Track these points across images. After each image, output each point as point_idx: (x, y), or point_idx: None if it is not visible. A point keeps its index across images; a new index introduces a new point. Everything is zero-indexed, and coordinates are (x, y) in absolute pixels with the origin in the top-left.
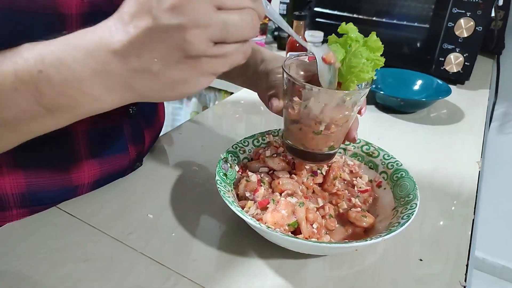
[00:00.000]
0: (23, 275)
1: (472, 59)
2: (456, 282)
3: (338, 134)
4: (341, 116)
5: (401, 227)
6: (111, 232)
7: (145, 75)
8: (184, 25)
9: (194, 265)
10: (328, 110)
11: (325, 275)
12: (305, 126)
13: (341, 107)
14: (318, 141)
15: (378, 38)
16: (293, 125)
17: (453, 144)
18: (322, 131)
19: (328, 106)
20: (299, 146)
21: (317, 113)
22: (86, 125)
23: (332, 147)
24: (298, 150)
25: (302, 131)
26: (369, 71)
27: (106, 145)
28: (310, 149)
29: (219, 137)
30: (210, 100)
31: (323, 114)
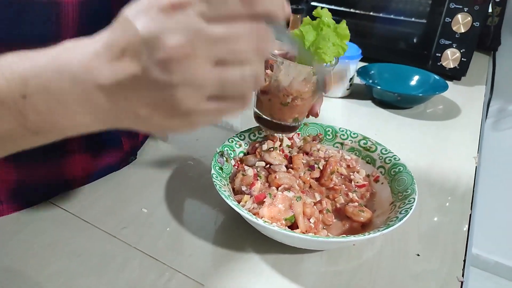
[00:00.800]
0: (14, 270)
1: (468, 55)
2: (453, 277)
3: (303, 107)
4: (307, 90)
5: (399, 221)
6: (104, 227)
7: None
8: (175, 83)
9: (189, 260)
10: (295, 84)
11: (322, 270)
12: (274, 97)
13: (307, 81)
14: (285, 112)
15: (347, 27)
16: (263, 96)
17: (449, 139)
18: (289, 103)
19: (296, 79)
20: (267, 116)
21: (286, 86)
22: None
23: (296, 119)
24: (265, 120)
25: (271, 102)
26: (331, 55)
27: (99, 139)
28: (276, 119)
29: (214, 131)
30: None
31: (291, 87)
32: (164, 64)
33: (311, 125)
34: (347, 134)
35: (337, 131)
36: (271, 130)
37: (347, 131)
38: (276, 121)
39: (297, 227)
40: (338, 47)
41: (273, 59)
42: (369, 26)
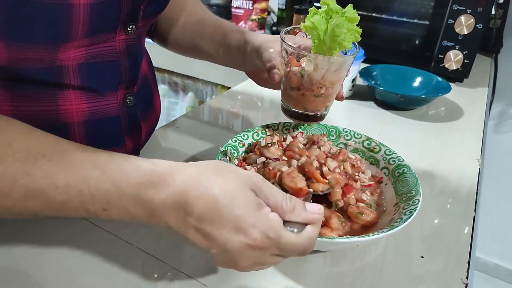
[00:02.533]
0: (15, 270)
1: (471, 56)
2: (457, 279)
3: (333, 95)
4: (338, 79)
5: (404, 222)
6: (106, 226)
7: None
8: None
9: (191, 260)
10: (328, 75)
11: (325, 271)
12: (307, 91)
13: (338, 71)
14: (318, 103)
15: (355, 10)
16: (295, 91)
17: (452, 141)
18: (322, 94)
19: (329, 71)
20: (300, 110)
21: (319, 79)
22: (83, 116)
23: (327, 107)
24: (299, 113)
25: (304, 96)
26: (350, 40)
27: (102, 137)
28: (310, 111)
29: (216, 131)
30: (207, 95)
31: (324, 79)
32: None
33: (315, 125)
34: (351, 134)
35: (341, 131)
36: (302, 121)
37: (350, 131)
38: (309, 113)
39: None
40: (354, 31)
41: (304, 54)
42: (371, 27)
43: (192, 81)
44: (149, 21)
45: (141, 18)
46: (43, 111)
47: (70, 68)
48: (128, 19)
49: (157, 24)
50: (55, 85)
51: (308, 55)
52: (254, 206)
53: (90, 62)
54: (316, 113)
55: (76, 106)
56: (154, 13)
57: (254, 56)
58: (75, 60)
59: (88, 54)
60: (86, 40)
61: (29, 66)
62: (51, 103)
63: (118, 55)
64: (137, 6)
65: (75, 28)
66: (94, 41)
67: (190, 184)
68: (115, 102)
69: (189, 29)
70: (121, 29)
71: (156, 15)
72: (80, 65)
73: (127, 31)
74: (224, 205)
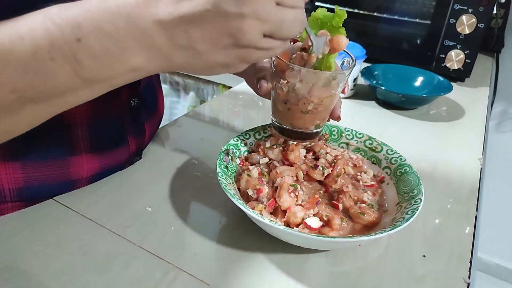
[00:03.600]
0: (17, 268)
1: (473, 56)
2: (459, 279)
3: (324, 112)
4: (327, 96)
5: (406, 222)
6: (108, 225)
7: (188, 52)
8: (245, 15)
9: (194, 259)
10: (315, 90)
11: (327, 270)
12: (294, 106)
13: (327, 87)
14: (306, 120)
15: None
16: (282, 106)
17: (453, 141)
18: (309, 111)
19: (315, 86)
20: (287, 126)
21: (305, 93)
22: (87, 118)
23: (318, 126)
24: (286, 129)
25: (290, 111)
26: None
27: (106, 138)
28: (297, 128)
29: (218, 130)
30: (208, 94)
31: (311, 94)
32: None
33: None
34: (353, 134)
35: (343, 131)
36: (292, 139)
37: (352, 131)
38: (297, 130)
39: (303, 227)
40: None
41: (290, 66)
42: (373, 27)
43: (193, 80)
44: None
45: None
46: None
47: None
48: None
49: None
50: None
51: (292, 67)
52: None
53: None
54: (305, 130)
55: (79, 107)
56: None
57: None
58: None
59: None
60: None
61: None
62: None
63: None
64: None
65: None
66: None
67: None
68: (119, 103)
69: None
70: None
71: None
72: None
73: None
74: None
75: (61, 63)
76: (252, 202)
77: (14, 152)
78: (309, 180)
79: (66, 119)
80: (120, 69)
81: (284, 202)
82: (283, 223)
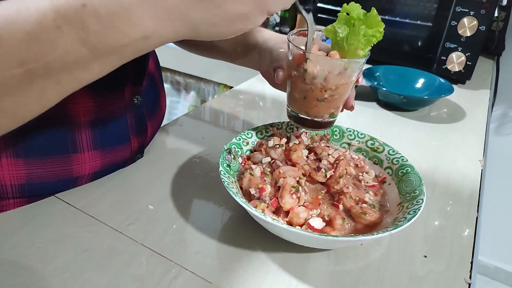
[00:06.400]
0: (19, 265)
1: (474, 58)
2: (460, 279)
3: (339, 101)
4: (342, 84)
5: (408, 222)
6: (110, 223)
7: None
8: None
9: (195, 257)
10: (331, 78)
11: (329, 269)
12: (310, 94)
13: (342, 74)
14: (321, 108)
15: (376, 14)
16: (298, 94)
17: (454, 142)
18: (325, 99)
19: (332, 73)
20: (303, 114)
21: (321, 81)
22: (90, 115)
23: (333, 114)
24: (301, 118)
25: (306, 99)
26: (364, 48)
27: (108, 136)
28: (312, 116)
29: (219, 130)
30: (209, 94)
31: (327, 81)
32: None
33: None
34: (355, 134)
35: (344, 131)
36: (306, 127)
37: (354, 131)
38: (311, 118)
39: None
40: (370, 37)
41: (306, 53)
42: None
43: (194, 80)
44: None
45: None
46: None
47: None
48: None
49: None
50: None
51: (310, 54)
52: None
53: None
54: (320, 119)
55: (82, 105)
56: None
57: (267, 56)
58: None
59: None
60: None
61: None
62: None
63: None
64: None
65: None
66: None
67: None
68: (122, 101)
69: None
70: None
71: None
72: None
73: None
74: None
75: (67, 31)
76: (255, 201)
77: (18, 148)
78: (311, 181)
79: (69, 116)
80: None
81: (286, 203)
82: (285, 222)
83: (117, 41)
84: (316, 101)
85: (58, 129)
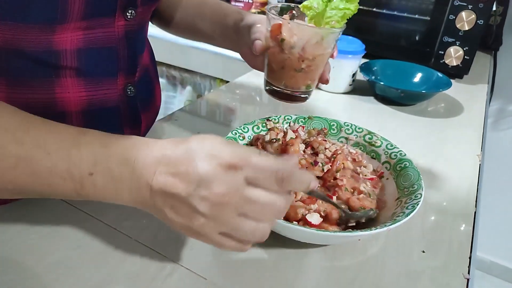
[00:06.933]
0: (12, 261)
1: (472, 53)
2: (459, 274)
3: (315, 72)
4: (319, 54)
5: (406, 217)
6: (104, 219)
7: (160, 212)
8: (205, 215)
9: (191, 254)
10: (308, 47)
11: (326, 265)
12: (287, 64)
13: (319, 44)
14: (298, 79)
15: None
16: (275, 65)
17: (452, 137)
18: (302, 69)
19: (309, 43)
20: (280, 85)
21: (299, 50)
22: (81, 105)
23: (309, 86)
24: (278, 90)
25: (284, 70)
26: (339, 21)
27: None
28: (290, 87)
29: (214, 125)
30: (205, 89)
31: (304, 51)
32: (205, 200)
33: (316, 119)
34: (352, 128)
35: (342, 125)
36: (283, 100)
37: (352, 125)
38: (289, 90)
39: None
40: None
41: (284, 22)
42: (372, 23)
43: (190, 74)
44: (149, 7)
45: (140, 3)
46: (39, 98)
47: (68, 53)
48: (127, 3)
49: (162, 5)
50: (52, 72)
51: (287, 22)
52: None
53: (88, 48)
54: (296, 91)
55: (73, 94)
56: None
57: (246, 33)
58: (73, 45)
59: (86, 39)
60: (83, 23)
61: (26, 48)
62: (48, 90)
63: (116, 41)
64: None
65: (71, 8)
66: (92, 24)
67: (172, 141)
68: (115, 91)
69: (190, 10)
70: (120, 14)
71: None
72: (78, 51)
73: (126, 17)
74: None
75: (68, 183)
76: None
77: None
78: None
79: (60, 106)
80: (109, 198)
81: None
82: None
83: (97, 198)
84: (293, 72)
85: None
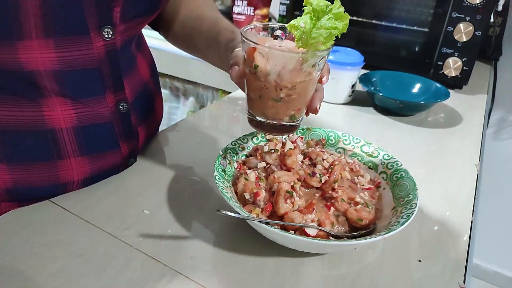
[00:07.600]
0: (14, 269)
1: (470, 63)
2: (455, 284)
3: (298, 102)
4: (300, 81)
5: (401, 226)
6: (106, 228)
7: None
8: None
9: (190, 262)
10: (285, 74)
11: (323, 274)
12: (264, 93)
13: (298, 70)
14: (278, 109)
15: (340, 5)
16: (253, 93)
17: (451, 147)
18: (281, 98)
19: (285, 69)
20: (260, 116)
21: (275, 77)
22: (71, 122)
23: (293, 117)
24: (260, 121)
25: (261, 99)
26: (324, 42)
27: (95, 142)
28: (270, 118)
29: (216, 135)
30: (208, 100)
31: (281, 78)
32: None
33: (314, 129)
34: (350, 139)
35: (340, 136)
36: (266, 132)
37: (349, 136)
38: (270, 121)
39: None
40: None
41: (258, 47)
42: (371, 34)
43: (193, 86)
44: (135, 24)
45: (120, 21)
46: (27, 116)
47: (44, 75)
48: (100, 22)
49: (161, 16)
50: (36, 91)
51: (259, 47)
52: None
53: (66, 71)
54: (279, 122)
55: (62, 112)
56: (139, 15)
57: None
58: (46, 66)
59: (62, 60)
60: (50, 41)
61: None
62: (35, 108)
63: (98, 62)
64: (108, 7)
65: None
66: (62, 44)
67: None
68: (106, 109)
69: (188, 24)
70: (96, 34)
71: (144, 17)
72: (55, 73)
73: (104, 36)
74: None
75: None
76: (249, 206)
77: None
78: (306, 186)
79: (48, 124)
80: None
81: (280, 208)
82: (279, 226)
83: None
84: (272, 101)
85: (40, 136)
